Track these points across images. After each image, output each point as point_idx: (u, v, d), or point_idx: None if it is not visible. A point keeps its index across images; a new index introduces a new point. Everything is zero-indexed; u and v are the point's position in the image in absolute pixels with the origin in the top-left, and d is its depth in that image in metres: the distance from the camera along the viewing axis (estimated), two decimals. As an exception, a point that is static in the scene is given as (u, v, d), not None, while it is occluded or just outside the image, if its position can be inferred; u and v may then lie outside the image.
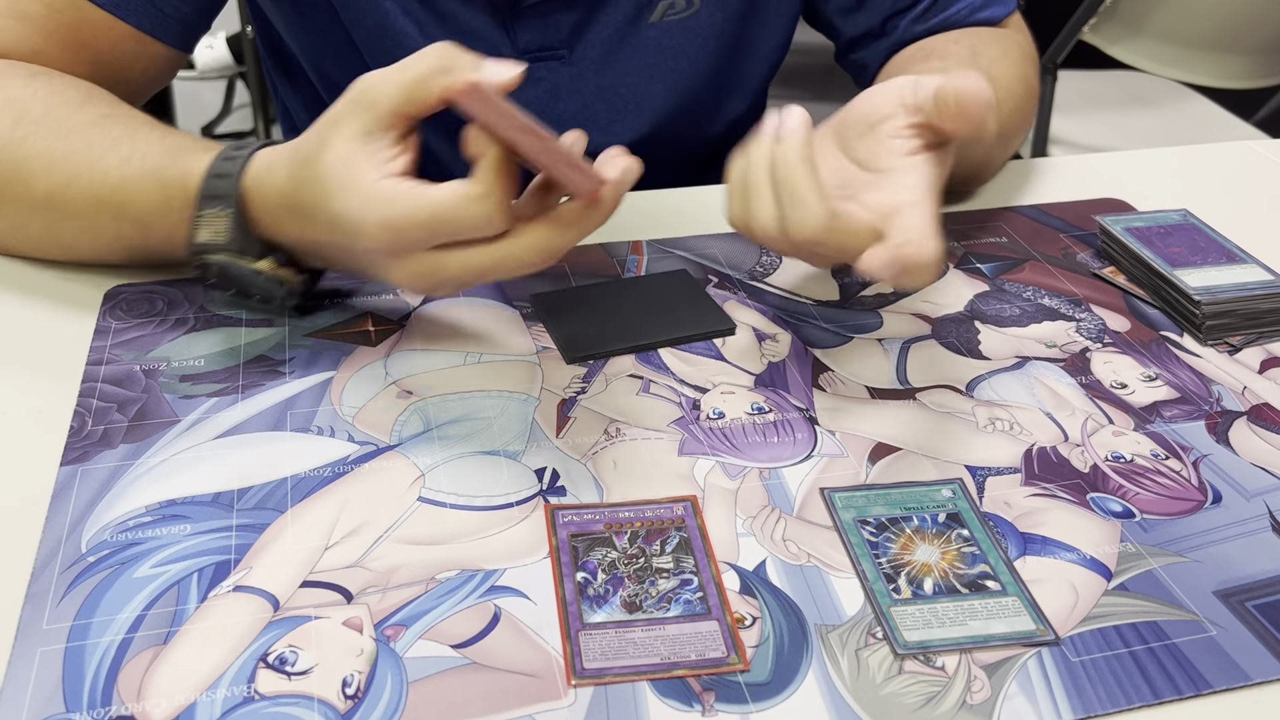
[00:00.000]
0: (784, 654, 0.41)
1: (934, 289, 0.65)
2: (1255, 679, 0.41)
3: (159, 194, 0.56)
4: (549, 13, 0.73)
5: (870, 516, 0.47)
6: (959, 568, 0.45)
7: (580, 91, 0.77)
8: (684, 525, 0.47)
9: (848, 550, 0.46)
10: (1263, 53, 1.67)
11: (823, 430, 0.53)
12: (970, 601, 0.44)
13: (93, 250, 0.60)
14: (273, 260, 0.55)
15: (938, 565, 0.45)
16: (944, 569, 0.45)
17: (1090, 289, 0.66)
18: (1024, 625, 0.43)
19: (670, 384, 0.56)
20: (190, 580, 0.43)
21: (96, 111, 0.59)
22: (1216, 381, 0.58)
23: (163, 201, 0.56)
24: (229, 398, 0.53)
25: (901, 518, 0.47)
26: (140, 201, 0.56)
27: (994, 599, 0.44)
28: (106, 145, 0.57)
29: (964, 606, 0.43)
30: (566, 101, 0.77)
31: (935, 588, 0.44)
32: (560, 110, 0.77)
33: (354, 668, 0.40)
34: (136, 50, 0.66)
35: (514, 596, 0.43)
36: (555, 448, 0.51)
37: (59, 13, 0.63)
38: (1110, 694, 0.40)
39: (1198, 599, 0.44)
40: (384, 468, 0.50)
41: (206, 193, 0.53)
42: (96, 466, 0.49)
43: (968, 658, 0.42)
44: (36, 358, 0.56)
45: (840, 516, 0.47)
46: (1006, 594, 0.44)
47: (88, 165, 0.57)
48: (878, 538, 0.46)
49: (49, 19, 0.63)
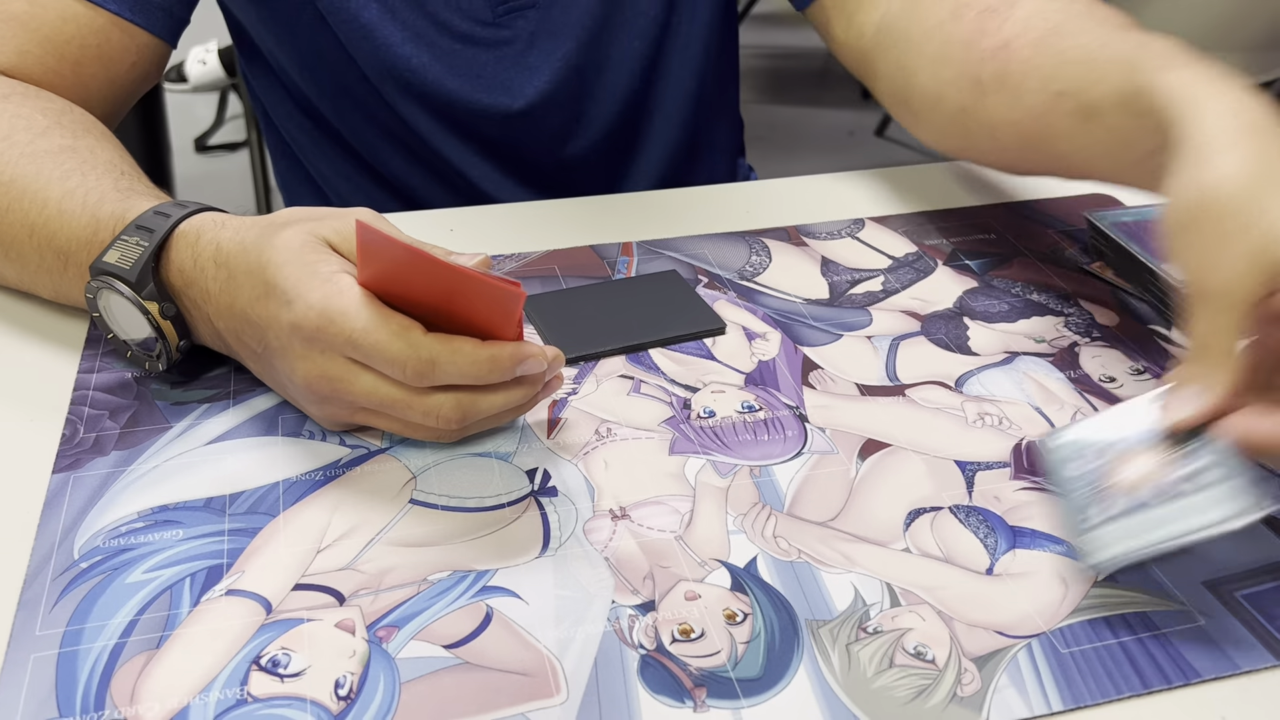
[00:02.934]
0: (775, 649, 0.42)
1: (923, 286, 0.65)
2: (1244, 668, 0.41)
3: (89, 227, 0.53)
4: None
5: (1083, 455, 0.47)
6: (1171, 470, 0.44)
7: (555, 35, 0.77)
8: None
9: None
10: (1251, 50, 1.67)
11: (813, 427, 0.53)
12: (1156, 510, 0.43)
13: (19, 278, 0.58)
14: (160, 308, 0.51)
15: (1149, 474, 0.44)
16: (1154, 475, 0.44)
17: (1078, 284, 0.66)
18: (1229, 510, 0.41)
19: (661, 383, 0.56)
20: (183, 585, 0.44)
21: (58, 141, 0.58)
22: (1204, 374, 0.58)
23: (90, 235, 0.53)
24: (220, 404, 0.54)
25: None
26: (68, 233, 0.54)
27: (1188, 499, 0.42)
28: (55, 176, 0.55)
29: (1153, 516, 0.43)
30: (541, 48, 0.77)
31: (1135, 502, 0.44)
32: (534, 59, 0.77)
33: (347, 669, 0.40)
34: (123, 41, 0.65)
35: (506, 596, 0.44)
36: (546, 448, 0.51)
37: (42, 7, 0.63)
38: (1100, 684, 0.40)
39: (1186, 589, 0.45)
40: (376, 470, 0.50)
41: (137, 224, 0.52)
42: (89, 473, 0.49)
43: (958, 650, 0.42)
44: (28, 365, 0.56)
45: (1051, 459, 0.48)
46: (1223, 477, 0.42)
47: (30, 193, 0.55)
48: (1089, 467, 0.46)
49: (33, 16, 0.63)
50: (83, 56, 0.64)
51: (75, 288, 0.55)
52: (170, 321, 0.52)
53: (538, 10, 0.76)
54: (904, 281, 0.66)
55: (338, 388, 0.47)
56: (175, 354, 0.53)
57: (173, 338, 0.52)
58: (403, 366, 0.45)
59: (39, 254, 0.56)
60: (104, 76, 0.66)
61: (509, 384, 0.48)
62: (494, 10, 0.75)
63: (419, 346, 0.45)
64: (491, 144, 0.80)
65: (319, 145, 0.84)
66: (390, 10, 0.73)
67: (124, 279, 0.50)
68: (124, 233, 0.52)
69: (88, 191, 0.55)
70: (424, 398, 0.47)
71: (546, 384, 0.49)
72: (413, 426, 0.49)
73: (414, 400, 0.47)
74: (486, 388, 0.47)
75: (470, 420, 0.48)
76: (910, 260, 0.68)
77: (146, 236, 0.51)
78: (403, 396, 0.47)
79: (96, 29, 0.64)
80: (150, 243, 0.51)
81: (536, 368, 0.47)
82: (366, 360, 0.46)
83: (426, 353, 0.45)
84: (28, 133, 0.58)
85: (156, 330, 0.52)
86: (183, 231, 0.52)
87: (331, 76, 0.78)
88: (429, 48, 0.75)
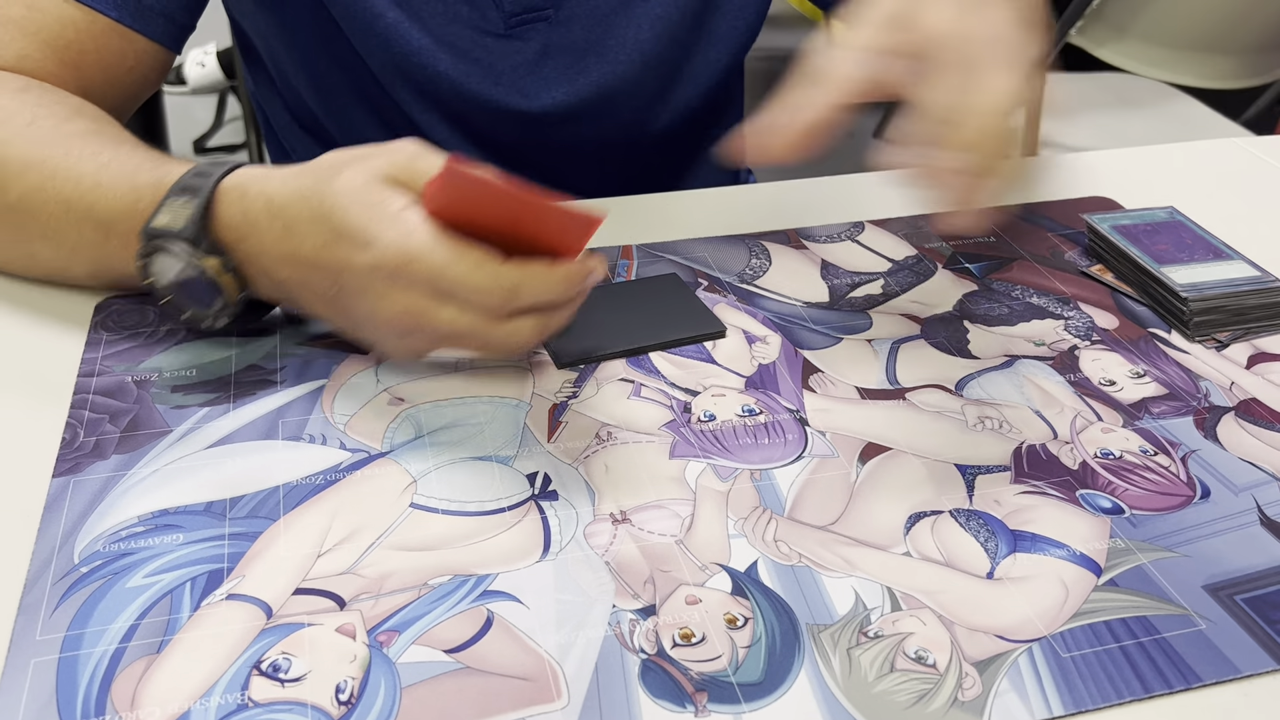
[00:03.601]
0: (776, 654, 0.42)
1: (923, 289, 0.65)
2: (1245, 672, 0.41)
3: (128, 195, 0.55)
4: None
5: None
6: None
7: (569, 49, 0.77)
8: None
9: None
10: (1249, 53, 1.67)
11: (813, 431, 0.53)
12: None
13: (53, 259, 0.59)
14: (220, 262, 0.53)
15: None
16: None
17: (1078, 287, 0.66)
18: None
19: (661, 387, 0.56)
20: (183, 589, 0.44)
21: (83, 126, 0.59)
22: (1204, 377, 0.58)
23: (131, 203, 0.54)
24: (221, 407, 0.53)
25: None
26: (107, 203, 0.55)
27: None
28: (86, 155, 0.57)
29: None
30: (555, 60, 0.77)
31: None
32: (548, 70, 0.77)
33: (347, 674, 0.40)
34: (122, 47, 0.65)
35: (507, 601, 0.43)
36: (547, 452, 0.51)
37: (39, 12, 0.63)
38: (1101, 689, 0.40)
39: (1187, 594, 0.45)
40: (376, 474, 0.50)
41: (179, 186, 0.53)
42: (89, 477, 0.49)
43: (959, 655, 0.42)
44: (28, 370, 0.56)
45: None
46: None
47: (64, 170, 0.56)
48: None
49: (31, 20, 0.63)
50: (83, 61, 0.64)
51: (118, 258, 0.56)
52: (230, 274, 0.53)
53: (549, 25, 0.75)
54: (904, 285, 0.66)
55: (421, 321, 0.49)
56: (234, 307, 0.54)
57: (232, 291, 0.54)
58: (488, 296, 0.48)
59: (77, 229, 0.56)
60: (105, 80, 0.66)
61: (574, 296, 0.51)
62: (506, 21, 0.74)
63: (501, 276, 0.47)
64: (504, 150, 0.80)
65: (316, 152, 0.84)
66: (410, 12, 0.73)
67: (179, 238, 0.52)
68: (168, 196, 0.53)
69: (121, 164, 0.56)
70: (504, 323, 0.49)
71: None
72: (491, 346, 0.51)
73: (495, 326, 0.49)
74: (558, 304, 0.50)
75: (546, 336, 0.51)
76: (910, 263, 0.68)
77: (192, 196, 0.52)
78: (485, 324, 0.49)
79: (95, 34, 0.64)
80: (198, 199, 0.52)
81: (600, 277, 0.51)
82: (450, 293, 0.48)
83: (508, 281, 0.47)
84: (52, 119, 0.59)
85: (215, 286, 0.53)
86: (226, 187, 0.53)
87: (341, 82, 0.78)
88: (447, 48, 0.75)
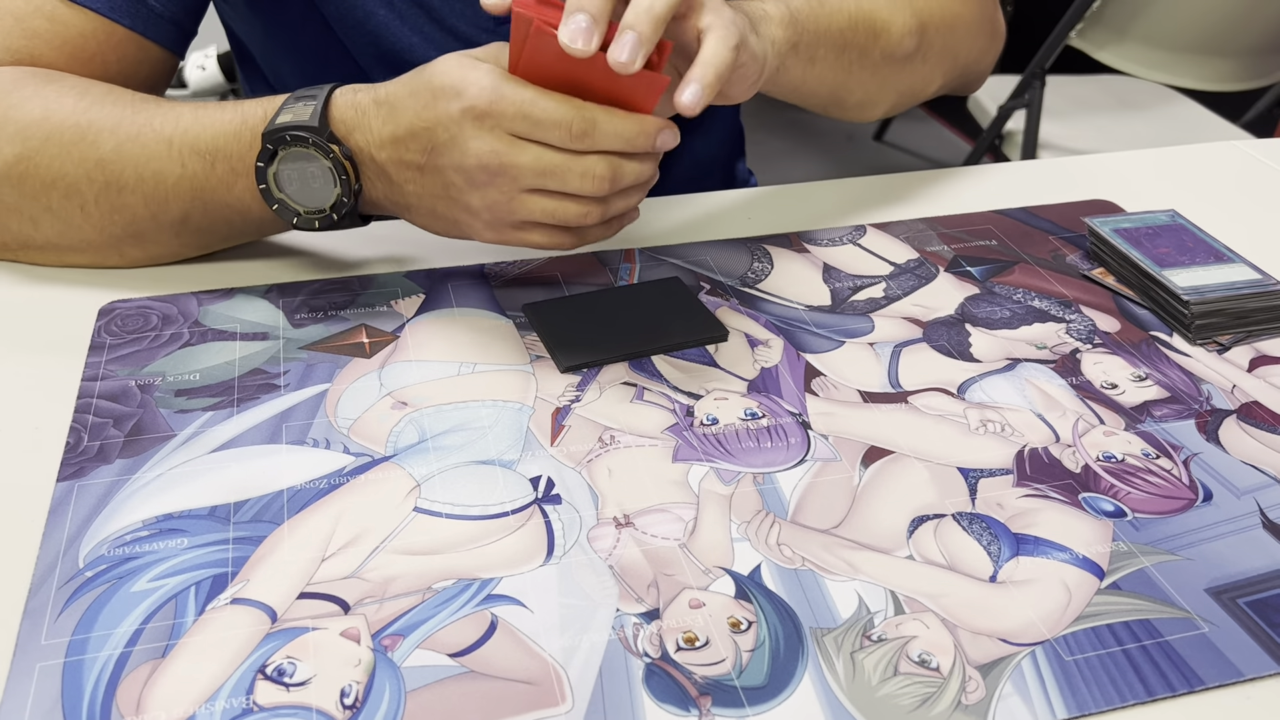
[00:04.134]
0: (780, 658, 0.42)
1: (925, 293, 0.65)
2: (1248, 675, 0.41)
3: (235, 120, 0.59)
4: None
5: None
6: None
7: None
8: None
9: None
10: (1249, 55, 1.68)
11: (816, 435, 0.53)
12: None
13: (147, 203, 0.61)
14: (342, 149, 0.57)
15: None
16: None
17: (1080, 290, 0.66)
18: None
19: (664, 391, 0.56)
20: (188, 593, 0.44)
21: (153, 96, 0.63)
22: (1206, 380, 0.58)
23: (239, 125, 0.59)
24: (224, 411, 0.54)
25: None
26: (214, 130, 0.59)
27: None
28: (177, 105, 0.61)
29: None
30: None
31: None
32: None
33: (352, 678, 0.40)
34: (138, 56, 0.67)
35: (511, 605, 0.44)
36: (550, 456, 0.51)
37: (63, 25, 0.64)
38: (1104, 692, 0.41)
39: (1190, 597, 0.45)
40: (380, 479, 0.50)
41: (295, 96, 0.58)
42: (93, 482, 0.49)
43: (962, 658, 0.42)
44: (32, 374, 0.56)
45: None
46: None
47: (160, 115, 0.60)
48: None
49: (55, 33, 0.64)
50: (105, 71, 0.66)
51: (223, 184, 0.60)
52: (349, 162, 0.58)
53: None
54: (906, 288, 0.66)
55: (504, 161, 0.54)
56: (353, 198, 0.59)
57: (351, 179, 0.58)
58: (569, 126, 0.53)
59: (180, 163, 0.59)
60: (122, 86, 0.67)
61: (644, 156, 0.56)
62: (498, 20, 0.75)
63: (582, 108, 0.53)
64: None
65: None
66: (398, 13, 0.73)
67: (305, 128, 0.56)
68: (286, 103, 0.58)
69: (220, 104, 0.60)
70: (581, 159, 0.54)
71: None
72: (565, 204, 0.56)
73: (572, 162, 0.54)
74: (630, 155, 0.55)
75: (616, 186, 0.56)
76: (912, 267, 0.68)
77: (311, 99, 0.58)
78: (562, 160, 0.54)
79: (115, 44, 0.66)
80: (318, 100, 0.58)
81: (673, 140, 0.56)
82: (534, 129, 0.53)
83: (589, 113, 0.53)
84: (126, 91, 0.62)
85: (338, 171, 0.57)
86: (340, 90, 0.59)
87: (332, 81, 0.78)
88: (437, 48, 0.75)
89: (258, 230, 0.65)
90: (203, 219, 0.62)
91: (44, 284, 0.63)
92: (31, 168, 0.60)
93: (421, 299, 0.63)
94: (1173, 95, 1.85)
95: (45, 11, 0.64)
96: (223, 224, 0.62)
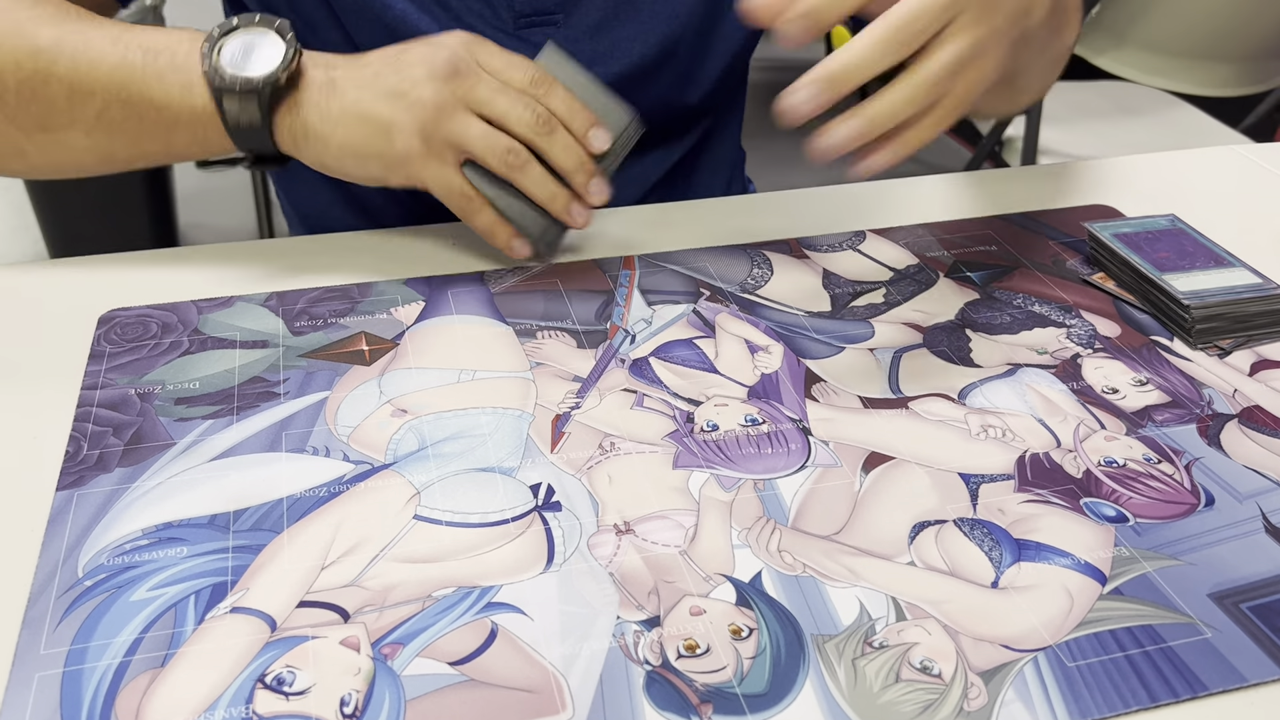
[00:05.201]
0: (781, 665, 0.42)
1: (925, 298, 0.65)
2: (1251, 680, 0.41)
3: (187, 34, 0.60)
4: None
5: None
6: None
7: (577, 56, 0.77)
8: None
9: None
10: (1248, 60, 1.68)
11: (816, 441, 0.53)
12: None
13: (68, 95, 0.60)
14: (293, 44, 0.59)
15: None
16: None
17: (1080, 295, 0.66)
18: None
19: (663, 397, 0.56)
20: (187, 602, 0.43)
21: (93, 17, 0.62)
22: (1207, 385, 0.58)
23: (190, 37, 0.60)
24: (224, 419, 0.54)
25: None
26: (170, 36, 0.60)
27: None
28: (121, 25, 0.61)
29: None
30: None
31: None
32: None
33: (352, 686, 0.40)
34: None
35: (511, 612, 0.43)
36: (550, 463, 0.51)
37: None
38: (1107, 698, 0.40)
39: (1192, 602, 0.45)
40: (379, 486, 0.50)
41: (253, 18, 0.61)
42: (92, 491, 0.49)
43: (964, 665, 0.42)
44: (31, 383, 0.56)
45: None
46: None
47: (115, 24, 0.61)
48: None
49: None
50: None
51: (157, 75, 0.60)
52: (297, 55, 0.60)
53: (559, 29, 0.76)
54: (906, 294, 0.66)
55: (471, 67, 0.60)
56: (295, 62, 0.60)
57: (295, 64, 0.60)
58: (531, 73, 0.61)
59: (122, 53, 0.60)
60: None
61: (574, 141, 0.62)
62: (515, 20, 0.75)
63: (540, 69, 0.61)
64: None
65: None
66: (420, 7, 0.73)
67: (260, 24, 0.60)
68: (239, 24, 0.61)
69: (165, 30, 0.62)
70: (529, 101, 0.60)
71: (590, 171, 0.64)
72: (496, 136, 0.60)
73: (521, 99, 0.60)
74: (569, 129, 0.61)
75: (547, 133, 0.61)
76: (912, 272, 0.68)
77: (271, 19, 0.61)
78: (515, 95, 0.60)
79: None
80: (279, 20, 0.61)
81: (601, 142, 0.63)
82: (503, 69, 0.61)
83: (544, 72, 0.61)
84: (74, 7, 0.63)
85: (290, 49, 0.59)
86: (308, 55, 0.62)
87: None
88: None
89: (165, 140, 0.63)
90: (119, 113, 0.61)
91: (44, 292, 0.63)
92: None
93: (421, 306, 0.63)
94: (1172, 100, 1.86)
95: None
96: (135, 122, 0.61)
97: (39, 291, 0.63)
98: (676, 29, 0.79)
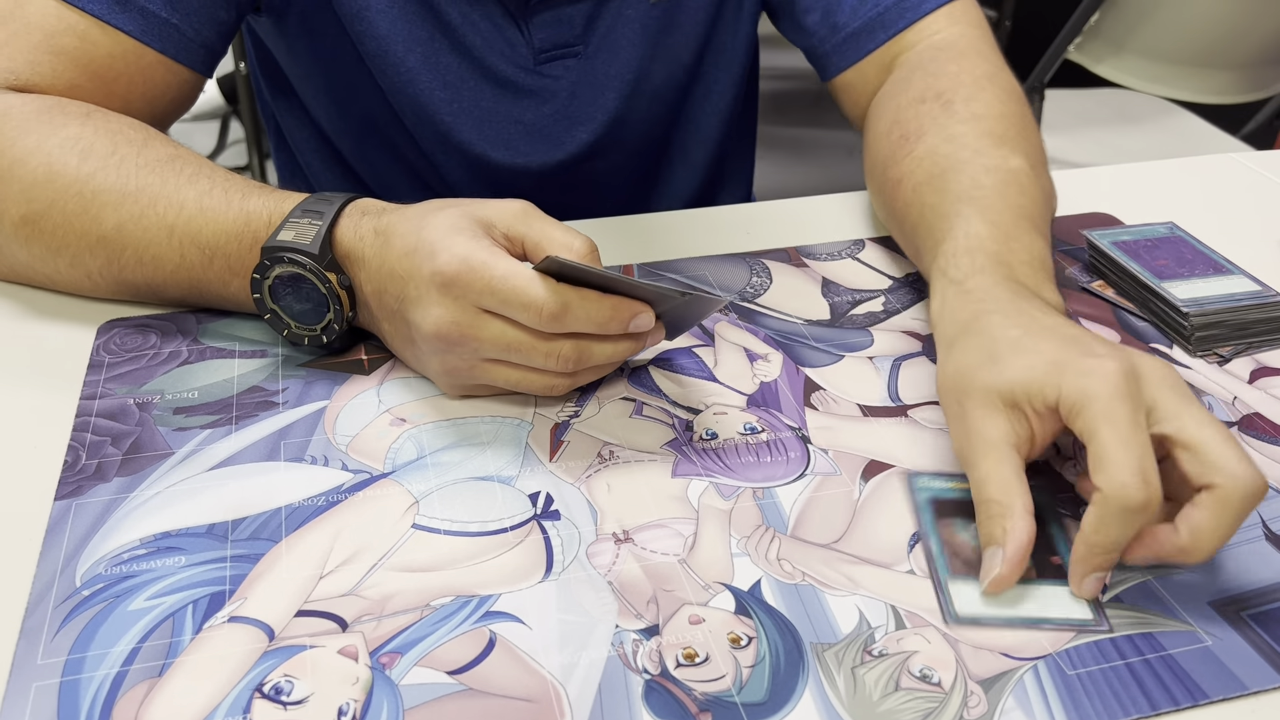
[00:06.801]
0: (780, 673, 0.41)
1: (924, 306, 0.65)
2: (1252, 688, 0.41)
3: (239, 220, 0.57)
4: (560, 6, 0.74)
5: (945, 499, 0.50)
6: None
7: (594, 84, 0.78)
8: None
9: (918, 521, 0.48)
10: (1247, 67, 1.68)
11: (815, 449, 0.53)
12: (1030, 586, 0.45)
13: (148, 284, 0.60)
14: (339, 280, 0.55)
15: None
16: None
17: (1080, 303, 0.66)
18: (1080, 613, 0.44)
19: (663, 406, 0.56)
20: (185, 612, 0.43)
21: (164, 151, 0.60)
22: (1207, 392, 0.58)
23: (241, 225, 0.57)
24: (223, 429, 0.53)
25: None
26: (216, 227, 0.57)
27: (1055, 585, 0.45)
28: (183, 180, 0.58)
29: (1023, 590, 0.45)
30: (583, 97, 0.78)
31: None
32: (577, 109, 0.78)
33: (350, 696, 0.40)
34: (166, 78, 0.67)
35: (509, 622, 0.43)
36: (549, 472, 0.51)
37: (92, 44, 0.63)
38: (1107, 706, 0.40)
39: (1193, 610, 0.44)
40: (378, 495, 0.50)
41: (302, 208, 0.56)
42: (91, 500, 0.49)
43: (964, 673, 0.42)
44: (30, 392, 0.56)
45: (916, 497, 0.50)
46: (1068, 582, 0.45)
47: (164, 198, 0.58)
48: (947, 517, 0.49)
49: (83, 51, 0.63)
50: (130, 92, 0.65)
51: (220, 280, 0.58)
52: (345, 292, 0.56)
53: (580, 60, 0.76)
54: (905, 302, 0.66)
55: (465, 333, 0.51)
56: (345, 325, 0.57)
57: (347, 305, 0.56)
58: (540, 309, 0.50)
59: (180, 253, 0.58)
60: (148, 108, 0.66)
61: (617, 337, 0.53)
62: (536, 57, 0.75)
63: (556, 291, 0.50)
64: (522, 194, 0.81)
65: (331, 171, 0.85)
66: (431, 59, 0.74)
67: (305, 253, 0.54)
68: (292, 215, 0.56)
69: (226, 189, 0.58)
70: (548, 341, 0.51)
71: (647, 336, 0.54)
72: (530, 376, 0.53)
73: (538, 344, 0.51)
74: (601, 337, 0.52)
75: (583, 366, 0.53)
76: (911, 280, 0.68)
77: (317, 216, 0.55)
78: (528, 339, 0.51)
79: (143, 67, 0.65)
80: (325, 219, 0.55)
81: (646, 323, 0.52)
82: (504, 305, 0.50)
83: (562, 297, 0.50)
84: (131, 145, 0.60)
85: (333, 299, 0.56)
86: (347, 212, 0.56)
87: (362, 116, 0.79)
88: (468, 107, 0.76)
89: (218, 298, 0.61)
90: (201, 302, 0.61)
91: (43, 303, 0.63)
92: (36, 232, 0.59)
93: (420, 315, 0.63)
94: (1171, 108, 1.86)
95: (77, 30, 0.63)
96: (220, 305, 0.61)
97: (39, 301, 0.63)
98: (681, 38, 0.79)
